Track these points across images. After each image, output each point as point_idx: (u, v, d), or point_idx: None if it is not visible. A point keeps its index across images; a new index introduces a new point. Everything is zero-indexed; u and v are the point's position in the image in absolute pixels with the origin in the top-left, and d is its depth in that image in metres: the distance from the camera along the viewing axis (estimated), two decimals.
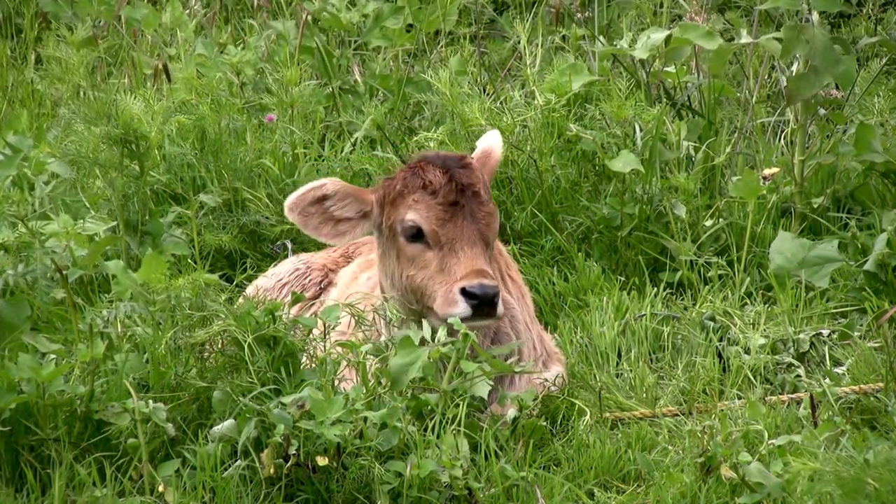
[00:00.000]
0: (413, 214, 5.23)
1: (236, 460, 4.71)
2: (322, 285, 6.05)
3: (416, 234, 5.23)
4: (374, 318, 5.30)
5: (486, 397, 5.01)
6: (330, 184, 5.34)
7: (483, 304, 5.08)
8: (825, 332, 5.99)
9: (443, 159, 5.29)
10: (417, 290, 5.19)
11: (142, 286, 5.03)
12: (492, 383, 5.08)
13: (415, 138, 7.23)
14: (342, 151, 7.41)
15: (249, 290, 6.18)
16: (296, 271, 6.11)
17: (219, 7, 9.47)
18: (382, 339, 5.21)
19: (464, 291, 5.10)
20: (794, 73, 6.70)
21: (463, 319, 5.07)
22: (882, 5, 9.38)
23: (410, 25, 8.40)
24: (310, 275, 6.08)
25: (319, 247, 6.88)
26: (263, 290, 6.06)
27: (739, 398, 5.61)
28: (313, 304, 6.00)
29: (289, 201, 5.33)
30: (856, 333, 5.93)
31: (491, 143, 5.56)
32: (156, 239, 6.40)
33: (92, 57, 8.51)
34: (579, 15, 8.42)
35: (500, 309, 5.13)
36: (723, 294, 6.42)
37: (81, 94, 8.40)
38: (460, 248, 5.17)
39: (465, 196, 5.22)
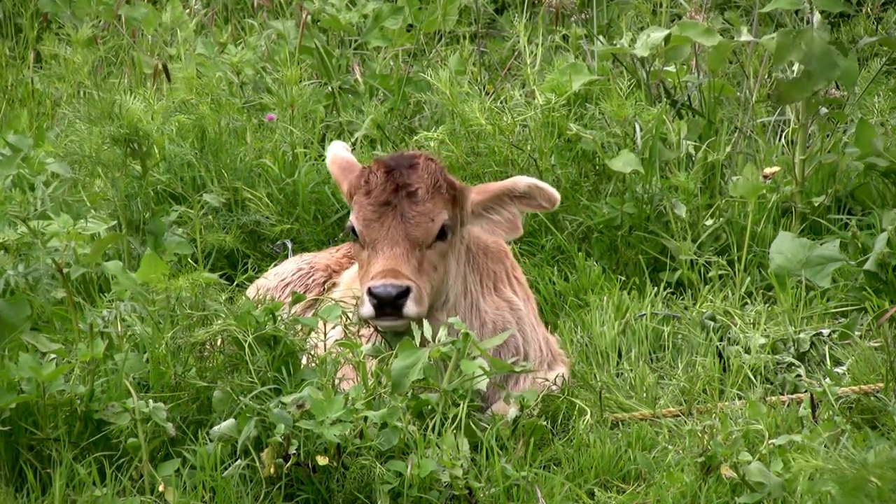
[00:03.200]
0: (351, 215, 5.29)
1: (236, 460, 4.71)
2: (325, 286, 6.05)
3: (354, 234, 5.27)
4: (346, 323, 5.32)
5: (483, 389, 5.01)
6: (329, 159, 5.53)
7: (384, 304, 5.08)
8: (825, 331, 5.99)
9: (395, 159, 5.32)
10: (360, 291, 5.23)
11: (141, 286, 5.03)
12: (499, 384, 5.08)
13: (415, 138, 7.23)
14: None
15: (251, 290, 6.18)
16: (299, 271, 6.11)
17: (219, 7, 9.47)
18: (369, 344, 5.22)
19: (369, 291, 5.11)
20: (788, 74, 6.70)
21: (371, 320, 5.10)
22: (882, 5, 9.39)
23: (411, 25, 8.40)
24: (313, 275, 6.08)
25: (320, 246, 6.88)
26: (266, 290, 6.06)
27: (739, 398, 5.61)
28: (317, 304, 5.99)
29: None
30: (856, 333, 5.93)
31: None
32: (158, 238, 6.41)
33: (95, 56, 8.51)
34: (575, 17, 8.41)
35: (411, 310, 5.09)
36: (723, 294, 6.42)
37: (82, 93, 8.40)
38: (381, 249, 5.18)
39: (397, 196, 5.22)
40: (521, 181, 5.37)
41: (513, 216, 5.35)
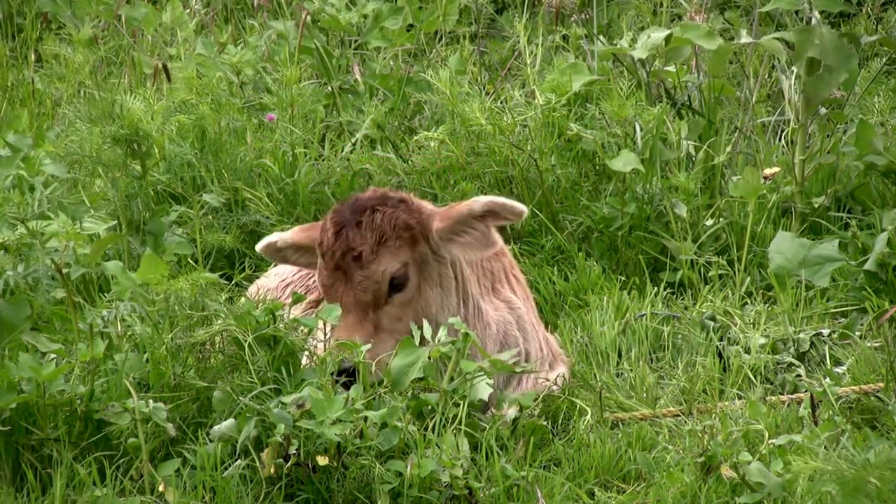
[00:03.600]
0: (316, 276, 5.24)
1: (236, 460, 4.71)
2: None
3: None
4: None
5: (486, 399, 5.00)
6: (280, 241, 5.34)
7: (348, 375, 4.98)
8: (825, 331, 5.99)
9: (347, 211, 5.17)
10: None
11: (141, 286, 5.03)
12: (492, 385, 5.07)
13: (415, 138, 7.23)
14: (342, 151, 7.41)
15: (251, 289, 6.17)
16: (299, 271, 6.08)
17: (219, 7, 9.47)
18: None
19: None
20: (797, 75, 6.70)
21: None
22: (882, 5, 9.39)
23: (411, 25, 8.41)
24: (314, 276, 6.05)
25: None
26: (266, 290, 6.04)
27: (739, 398, 5.61)
28: (318, 305, 5.98)
29: (258, 247, 5.41)
30: (856, 333, 5.93)
31: None
32: (158, 238, 6.41)
33: (95, 56, 8.52)
34: (575, 17, 8.42)
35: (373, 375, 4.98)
36: (723, 294, 6.42)
37: (82, 93, 8.41)
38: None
39: (345, 260, 5.13)
40: (478, 202, 5.23)
41: (483, 233, 5.22)
